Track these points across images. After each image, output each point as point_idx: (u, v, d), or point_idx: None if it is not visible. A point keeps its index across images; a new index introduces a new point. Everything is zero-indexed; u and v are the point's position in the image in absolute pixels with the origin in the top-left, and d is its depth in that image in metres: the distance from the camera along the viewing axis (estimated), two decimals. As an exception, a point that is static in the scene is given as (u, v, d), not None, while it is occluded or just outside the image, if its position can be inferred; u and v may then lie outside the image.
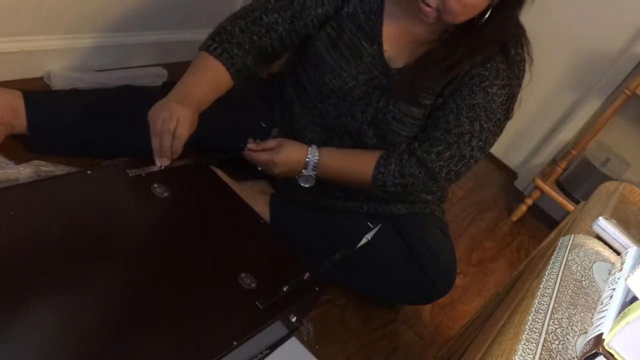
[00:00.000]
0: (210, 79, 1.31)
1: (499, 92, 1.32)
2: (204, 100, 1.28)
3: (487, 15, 1.24)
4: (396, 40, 1.36)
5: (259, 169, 1.43)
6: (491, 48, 1.30)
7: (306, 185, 1.43)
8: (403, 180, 1.38)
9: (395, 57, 1.37)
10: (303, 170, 1.41)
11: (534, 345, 0.61)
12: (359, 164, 1.41)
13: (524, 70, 1.35)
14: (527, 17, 1.31)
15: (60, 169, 1.27)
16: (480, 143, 1.36)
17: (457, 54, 1.30)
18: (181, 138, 1.18)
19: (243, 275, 1.07)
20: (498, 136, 1.39)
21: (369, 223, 1.47)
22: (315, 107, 1.45)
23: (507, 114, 1.37)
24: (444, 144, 1.34)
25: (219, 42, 1.33)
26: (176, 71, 1.84)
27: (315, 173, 1.41)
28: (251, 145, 1.41)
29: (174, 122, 1.17)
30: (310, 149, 1.41)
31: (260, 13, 1.35)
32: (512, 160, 2.92)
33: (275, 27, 1.36)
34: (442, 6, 1.20)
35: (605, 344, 0.58)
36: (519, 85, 1.35)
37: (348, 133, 1.43)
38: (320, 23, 1.38)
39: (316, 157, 1.40)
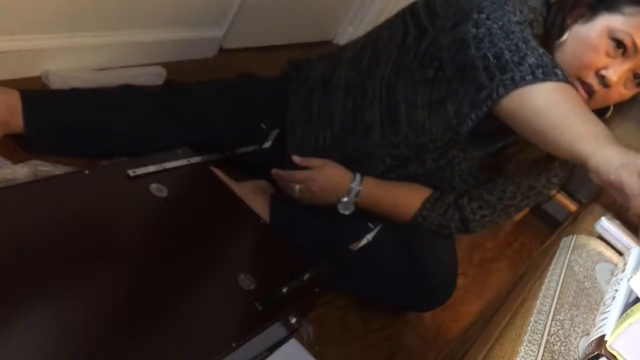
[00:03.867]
0: None
1: (557, 182, 1.37)
2: None
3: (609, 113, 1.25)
4: None
5: (284, 187, 1.43)
6: None
7: (346, 213, 1.42)
8: (439, 229, 1.41)
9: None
10: (345, 198, 1.40)
11: (536, 347, 0.60)
12: (403, 203, 1.41)
13: None
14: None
15: (58, 169, 1.26)
16: (514, 213, 1.42)
17: (554, 159, 1.30)
18: None
19: (242, 276, 1.06)
20: None
21: (369, 224, 1.46)
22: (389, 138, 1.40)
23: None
24: (491, 209, 1.38)
25: None
26: (175, 70, 1.84)
27: (356, 201, 1.40)
28: (296, 158, 1.40)
29: None
30: (355, 176, 1.40)
31: None
32: (514, 160, 2.91)
33: None
34: (602, 95, 1.16)
35: (607, 345, 0.57)
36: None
37: (407, 171, 1.40)
38: None
39: (359, 186, 1.39)
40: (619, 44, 1.12)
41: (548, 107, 0.96)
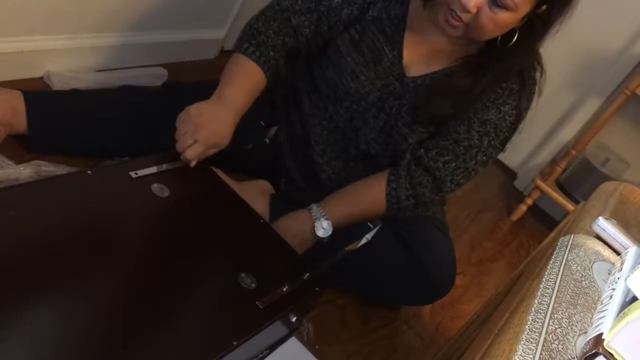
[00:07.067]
0: (251, 85, 1.32)
1: (510, 111, 1.34)
2: (244, 107, 1.30)
3: (513, 41, 1.25)
4: (416, 49, 1.36)
5: None
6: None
7: (326, 237, 1.40)
8: (414, 191, 1.39)
9: (412, 65, 1.37)
10: (318, 229, 1.38)
11: (534, 345, 0.61)
12: (369, 198, 1.42)
13: (534, 93, 1.36)
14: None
15: (60, 169, 1.27)
16: (484, 158, 1.38)
17: (482, 84, 1.30)
18: (187, 158, 1.20)
19: (243, 275, 1.06)
20: (500, 152, 1.42)
21: (369, 223, 1.47)
22: (326, 108, 1.44)
23: (513, 134, 1.40)
24: (451, 154, 1.36)
25: (255, 45, 1.33)
26: (176, 71, 1.84)
27: (328, 222, 1.39)
28: None
29: (190, 141, 1.19)
30: (312, 209, 1.40)
31: (289, 15, 1.36)
32: (512, 160, 2.92)
33: (302, 29, 1.36)
34: (474, 22, 1.19)
35: (605, 343, 0.58)
36: (527, 108, 1.38)
37: (356, 138, 1.43)
38: (345, 25, 1.38)
39: (321, 211, 1.40)
40: None
41: None
